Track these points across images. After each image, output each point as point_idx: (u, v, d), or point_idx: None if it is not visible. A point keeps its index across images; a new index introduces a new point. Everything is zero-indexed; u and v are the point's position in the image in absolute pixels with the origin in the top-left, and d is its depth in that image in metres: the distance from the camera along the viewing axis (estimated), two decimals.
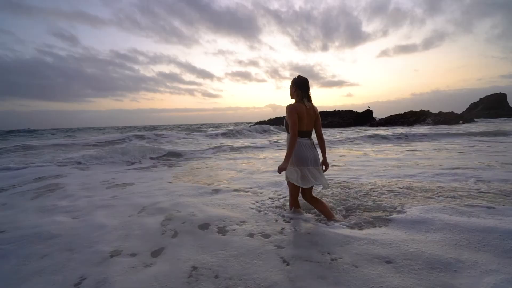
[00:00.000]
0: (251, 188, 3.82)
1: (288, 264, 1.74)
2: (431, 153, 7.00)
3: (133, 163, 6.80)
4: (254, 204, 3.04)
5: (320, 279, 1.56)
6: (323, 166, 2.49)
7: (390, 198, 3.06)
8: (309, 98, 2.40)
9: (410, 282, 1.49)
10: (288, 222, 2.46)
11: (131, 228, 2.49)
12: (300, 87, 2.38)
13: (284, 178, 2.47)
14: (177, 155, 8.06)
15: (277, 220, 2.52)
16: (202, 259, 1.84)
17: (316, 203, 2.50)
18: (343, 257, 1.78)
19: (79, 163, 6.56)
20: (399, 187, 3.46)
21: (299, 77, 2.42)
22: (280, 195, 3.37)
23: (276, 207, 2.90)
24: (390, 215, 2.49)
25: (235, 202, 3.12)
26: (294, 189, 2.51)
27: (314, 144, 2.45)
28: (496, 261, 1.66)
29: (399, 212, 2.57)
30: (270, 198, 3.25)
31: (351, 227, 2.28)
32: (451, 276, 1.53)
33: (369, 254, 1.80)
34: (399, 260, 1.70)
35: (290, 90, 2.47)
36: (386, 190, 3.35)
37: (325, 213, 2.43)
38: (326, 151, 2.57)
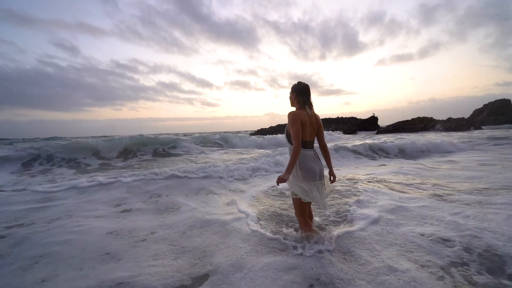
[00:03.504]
0: None
1: None
2: None
3: None
4: None
5: None
6: (331, 177, 2.41)
7: None
8: (310, 106, 2.26)
9: None
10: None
11: None
12: (300, 93, 2.25)
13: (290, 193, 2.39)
14: None
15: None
16: None
17: (310, 219, 2.45)
18: None
19: None
20: None
21: (299, 83, 2.30)
22: None
23: None
24: None
25: None
26: (302, 207, 2.28)
27: (318, 155, 2.33)
28: None
29: None
30: None
31: None
32: None
33: None
34: None
35: (290, 98, 2.36)
36: None
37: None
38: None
